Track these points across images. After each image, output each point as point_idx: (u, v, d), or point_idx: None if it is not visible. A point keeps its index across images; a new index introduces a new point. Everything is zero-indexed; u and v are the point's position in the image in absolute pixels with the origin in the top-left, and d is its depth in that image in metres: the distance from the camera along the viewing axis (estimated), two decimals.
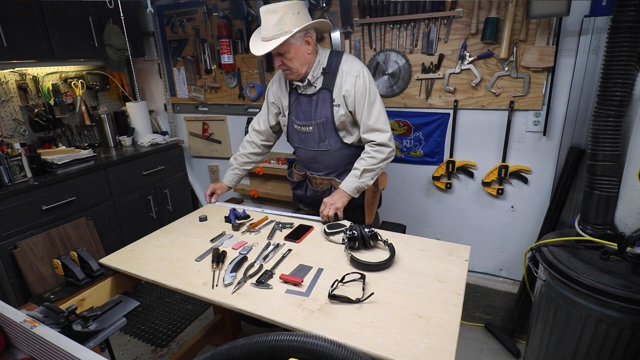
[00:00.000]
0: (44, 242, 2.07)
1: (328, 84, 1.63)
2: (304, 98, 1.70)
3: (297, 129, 1.76)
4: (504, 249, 2.34)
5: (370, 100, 1.60)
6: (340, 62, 1.62)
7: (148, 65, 3.13)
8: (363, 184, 1.63)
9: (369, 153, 1.63)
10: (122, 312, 1.16)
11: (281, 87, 1.78)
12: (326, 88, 1.64)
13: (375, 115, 1.61)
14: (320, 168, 1.80)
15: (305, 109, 1.70)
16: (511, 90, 2.02)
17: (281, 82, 1.78)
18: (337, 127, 1.68)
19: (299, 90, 1.70)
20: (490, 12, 1.93)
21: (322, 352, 0.72)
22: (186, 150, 3.25)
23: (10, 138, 2.40)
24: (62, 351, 0.72)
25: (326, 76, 1.63)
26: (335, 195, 1.63)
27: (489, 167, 2.21)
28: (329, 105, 1.64)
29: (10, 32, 2.11)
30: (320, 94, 1.66)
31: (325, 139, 1.71)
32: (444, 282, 1.19)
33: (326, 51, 1.67)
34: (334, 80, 1.62)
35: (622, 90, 1.43)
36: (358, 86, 1.59)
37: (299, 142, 1.80)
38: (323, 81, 1.64)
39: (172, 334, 2.35)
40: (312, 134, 1.72)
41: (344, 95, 1.61)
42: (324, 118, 1.66)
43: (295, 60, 1.57)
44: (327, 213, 1.58)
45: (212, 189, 1.93)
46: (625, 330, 1.33)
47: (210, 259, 1.37)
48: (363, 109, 1.60)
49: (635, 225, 1.42)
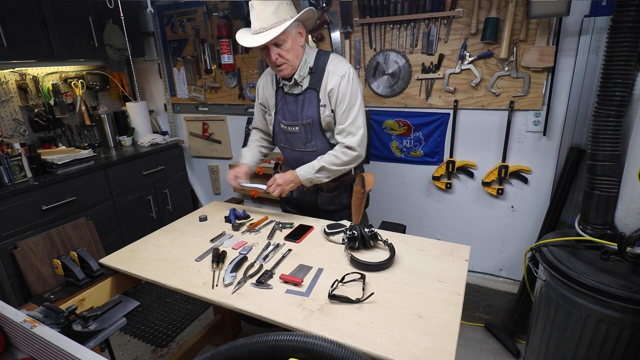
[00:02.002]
0: (44, 242, 2.07)
1: (315, 84, 1.60)
2: (290, 97, 1.66)
3: (284, 129, 1.72)
4: (504, 249, 2.34)
5: (351, 102, 1.57)
6: (327, 62, 1.59)
7: (148, 65, 3.13)
8: (317, 179, 1.63)
9: (335, 152, 1.60)
10: (122, 312, 1.16)
11: (267, 85, 1.75)
12: (313, 88, 1.60)
13: (351, 119, 1.58)
14: None
15: (292, 109, 1.67)
16: (511, 90, 2.02)
17: (267, 80, 1.75)
18: (324, 128, 1.64)
19: (285, 89, 1.67)
20: (490, 12, 1.93)
21: (322, 352, 0.72)
22: (186, 150, 3.25)
23: (10, 138, 2.40)
24: (62, 351, 0.72)
25: (313, 76, 1.60)
26: (287, 175, 1.64)
27: (489, 167, 2.21)
28: (316, 106, 1.61)
29: (10, 32, 2.11)
30: (307, 93, 1.62)
31: (312, 140, 1.67)
32: (444, 282, 1.19)
33: (313, 50, 1.63)
34: (320, 80, 1.59)
35: (622, 90, 1.43)
36: (341, 86, 1.56)
37: (285, 142, 1.76)
38: (310, 81, 1.61)
39: (172, 334, 2.35)
40: (299, 135, 1.68)
41: (328, 94, 1.58)
42: (310, 118, 1.63)
43: (291, 51, 1.53)
44: (273, 192, 1.63)
45: (234, 173, 1.79)
46: (625, 330, 1.33)
47: (210, 259, 1.37)
48: (342, 109, 1.58)
49: (635, 225, 1.42)
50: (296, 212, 1.85)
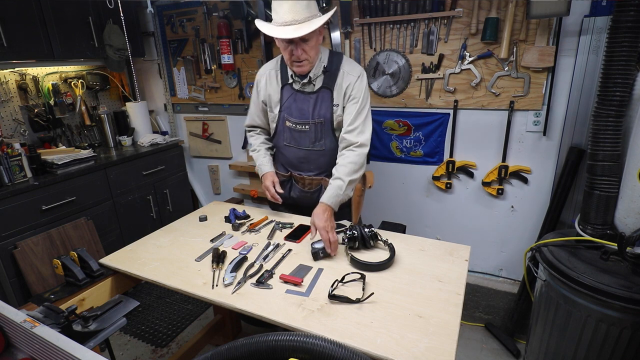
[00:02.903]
0: (44, 242, 2.07)
1: (328, 83, 1.61)
2: (302, 95, 1.65)
3: (291, 127, 1.69)
4: (504, 249, 2.34)
5: (363, 102, 1.59)
6: (341, 63, 1.61)
7: (148, 65, 3.13)
8: (347, 196, 1.54)
9: (350, 158, 1.54)
10: (122, 312, 1.16)
11: (271, 81, 1.70)
12: (327, 87, 1.61)
13: (363, 117, 1.60)
14: (311, 168, 1.74)
15: (303, 107, 1.65)
16: (511, 90, 2.02)
17: (271, 76, 1.70)
18: (335, 127, 1.65)
19: (296, 86, 1.65)
20: (490, 12, 1.93)
21: (322, 352, 0.72)
22: (186, 150, 3.25)
23: (10, 138, 2.40)
24: (62, 351, 0.72)
25: (327, 75, 1.60)
26: (321, 215, 1.42)
27: (489, 167, 2.21)
28: (329, 105, 1.62)
29: (10, 32, 2.11)
30: (321, 93, 1.63)
31: (322, 139, 1.67)
32: (444, 282, 1.19)
33: (326, 50, 1.64)
34: (334, 79, 1.60)
35: (622, 90, 1.43)
36: (357, 86, 1.58)
37: (290, 140, 1.71)
38: (324, 80, 1.61)
39: (172, 334, 2.35)
40: (308, 133, 1.67)
41: (344, 93, 1.60)
42: (323, 118, 1.63)
43: (314, 49, 1.53)
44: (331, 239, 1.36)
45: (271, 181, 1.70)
46: (625, 330, 1.33)
47: (210, 259, 1.37)
48: (356, 108, 1.58)
49: (635, 225, 1.42)
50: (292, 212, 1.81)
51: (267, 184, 1.70)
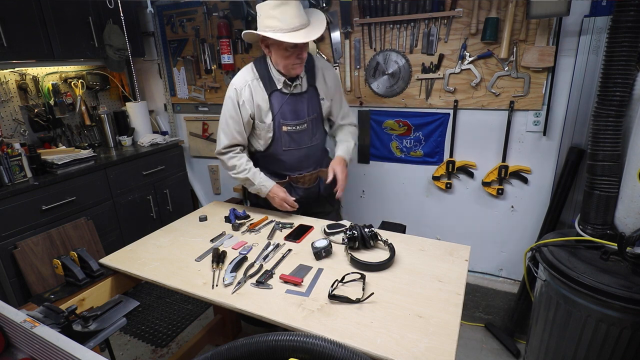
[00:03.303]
0: (44, 242, 2.07)
1: (311, 81, 1.73)
2: (294, 97, 1.68)
3: (289, 130, 1.69)
4: (504, 249, 2.34)
5: (341, 89, 1.87)
6: (313, 60, 1.74)
7: (148, 65, 3.13)
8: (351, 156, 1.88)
9: (352, 131, 1.91)
10: (122, 312, 1.16)
11: (257, 91, 1.65)
12: (311, 85, 1.73)
13: (345, 102, 1.90)
14: (310, 164, 1.80)
15: (297, 108, 1.69)
16: (511, 90, 2.02)
17: (256, 86, 1.65)
18: (324, 119, 1.83)
19: (286, 90, 1.65)
20: (490, 12, 1.93)
21: (322, 352, 0.72)
22: (186, 150, 3.25)
23: (10, 138, 2.40)
24: (62, 351, 0.72)
25: (308, 74, 1.71)
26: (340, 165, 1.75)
27: (489, 167, 2.21)
28: (318, 100, 1.75)
29: (10, 32, 2.10)
30: (309, 90, 1.72)
31: (316, 133, 1.78)
32: (444, 282, 1.19)
33: None
34: (314, 76, 1.73)
35: (622, 90, 1.43)
36: (334, 77, 1.81)
37: (289, 143, 1.71)
38: (307, 78, 1.72)
39: (172, 334, 2.35)
40: (307, 131, 1.74)
41: (328, 86, 1.76)
42: (315, 113, 1.74)
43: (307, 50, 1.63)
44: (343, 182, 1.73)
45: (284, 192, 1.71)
46: (625, 330, 1.33)
47: (210, 259, 1.37)
48: (341, 97, 1.86)
49: (635, 225, 1.42)
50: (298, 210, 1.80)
51: (283, 196, 1.69)
